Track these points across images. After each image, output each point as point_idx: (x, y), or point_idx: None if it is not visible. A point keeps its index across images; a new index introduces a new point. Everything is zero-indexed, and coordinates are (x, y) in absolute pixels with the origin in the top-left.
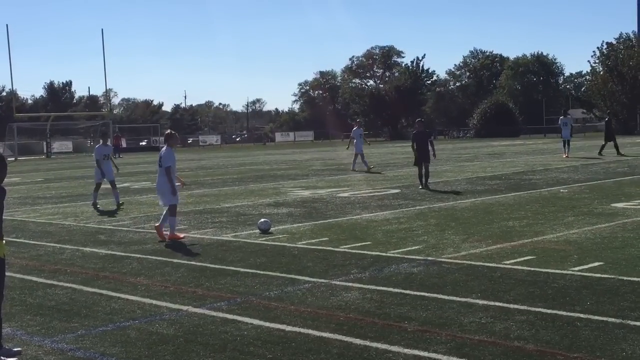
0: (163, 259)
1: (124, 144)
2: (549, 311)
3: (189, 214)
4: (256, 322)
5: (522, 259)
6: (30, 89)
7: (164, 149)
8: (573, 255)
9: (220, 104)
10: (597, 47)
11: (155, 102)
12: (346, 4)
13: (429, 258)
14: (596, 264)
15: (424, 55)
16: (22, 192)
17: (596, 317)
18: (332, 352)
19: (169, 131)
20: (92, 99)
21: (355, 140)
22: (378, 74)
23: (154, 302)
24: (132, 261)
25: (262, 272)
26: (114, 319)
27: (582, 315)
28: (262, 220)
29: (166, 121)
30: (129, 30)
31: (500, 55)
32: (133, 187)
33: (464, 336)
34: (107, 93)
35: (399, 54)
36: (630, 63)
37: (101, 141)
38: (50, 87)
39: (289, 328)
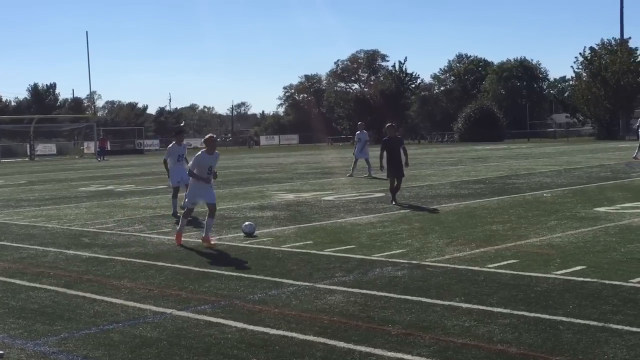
0: (147, 262)
1: (108, 147)
2: (531, 314)
3: (173, 217)
4: (240, 325)
5: (506, 262)
6: (14, 91)
7: (201, 152)
8: (556, 259)
9: (205, 106)
10: (580, 53)
11: (139, 105)
12: (331, 7)
13: (413, 261)
14: (579, 267)
15: (406, 58)
16: (5, 195)
17: (578, 321)
18: (316, 355)
19: (209, 135)
20: (76, 101)
21: (360, 145)
22: (363, 78)
23: (138, 305)
24: (116, 264)
25: (246, 275)
26: (97, 322)
27: (564, 319)
28: (247, 223)
29: (150, 124)
30: (114, 32)
31: (485, 59)
32: (117, 190)
33: (447, 339)
34: (92, 95)
35: (384, 57)
36: (613, 68)
37: (175, 140)
38: (34, 89)
39: (272, 331)
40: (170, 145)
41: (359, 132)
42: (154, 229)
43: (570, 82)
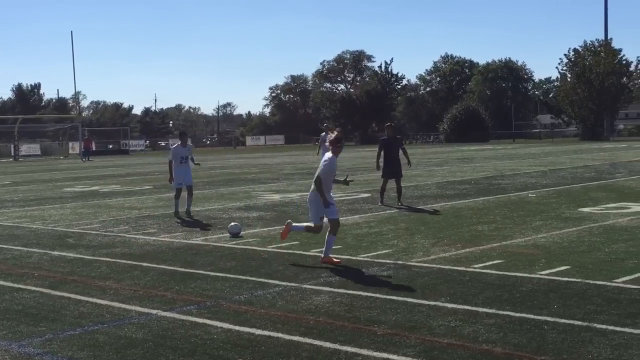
0: (132, 263)
1: (93, 147)
2: (516, 314)
3: (158, 217)
4: (226, 325)
5: (491, 262)
6: None
7: (328, 155)
8: (541, 259)
9: (190, 107)
10: (565, 54)
11: (125, 105)
12: (317, 8)
13: (399, 262)
14: (563, 267)
15: (392, 59)
16: None
17: (563, 321)
18: (302, 355)
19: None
20: (61, 102)
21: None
22: (349, 79)
23: (123, 305)
24: (101, 265)
25: (232, 276)
26: (82, 322)
27: (549, 319)
28: (233, 224)
29: (136, 124)
30: (99, 32)
31: (471, 60)
32: (102, 191)
33: (432, 339)
34: (76, 96)
35: (370, 58)
36: (598, 69)
37: (179, 141)
38: (19, 89)
39: (258, 332)
40: (174, 147)
41: (324, 133)
42: (140, 230)
43: (555, 83)
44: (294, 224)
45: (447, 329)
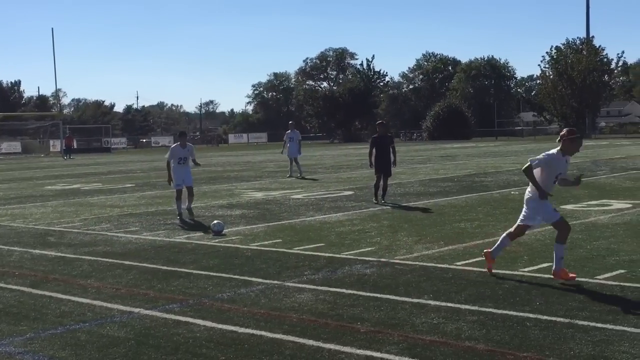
0: (114, 261)
1: (75, 145)
2: (499, 311)
3: (141, 215)
4: (209, 324)
5: (474, 260)
6: None
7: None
8: (523, 256)
9: (172, 104)
10: (547, 52)
11: (106, 103)
12: (299, 6)
13: (382, 259)
14: (545, 264)
15: (373, 56)
16: None
17: (545, 317)
18: (285, 353)
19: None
20: (42, 99)
21: (295, 145)
22: (332, 76)
23: (105, 304)
24: (83, 263)
25: (215, 274)
26: (63, 321)
27: (531, 315)
28: (215, 222)
29: (118, 122)
30: (80, 30)
31: (453, 58)
32: (84, 189)
33: (416, 337)
34: (57, 93)
35: (353, 56)
36: (579, 67)
37: (179, 141)
38: None
39: (241, 330)
40: (172, 147)
41: (289, 131)
42: (122, 228)
43: (537, 81)
44: (492, 250)
45: (430, 326)
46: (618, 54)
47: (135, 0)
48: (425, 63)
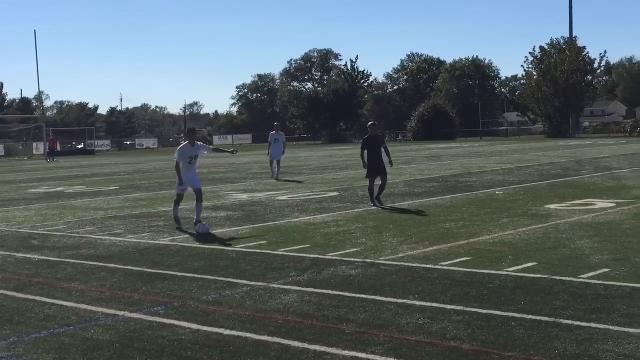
0: (99, 264)
1: (58, 148)
2: (484, 311)
3: (125, 218)
4: (194, 326)
5: (459, 260)
6: None
7: None
8: (508, 256)
9: (157, 106)
10: (530, 52)
11: (90, 105)
12: (284, 7)
13: (367, 260)
14: (530, 264)
15: (357, 56)
16: None
17: (530, 317)
18: (271, 355)
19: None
20: (25, 102)
21: (279, 146)
22: (316, 77)
23: (90, 307)
24: (67, 266)
25: (199, 276)
26: (47, 325)
27: (516, 315)
28: (201, 223)
29: (102, 124)
30: (63, 32)
31: (438, 59)
32: (67, 192)
33: (401, 337)
34: (40, 96)
35: (337, 56)
36: (563, 67)
37: (187, 139)
38: None
39: (227, 332)
40: (180, 147)
41: (274, 132)
42: (106, 231)
43: (521, 81)
44: None
45: (415, 327)
46: (601, 54)
47: (118, 2)
48: (410, 64)
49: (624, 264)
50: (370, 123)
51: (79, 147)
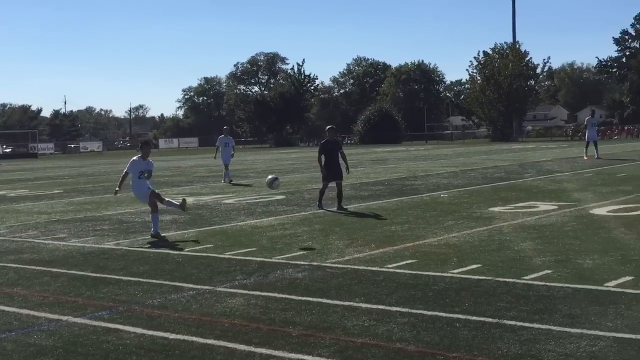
0: (41, 269)
1: (0, 151)
2: (429, 313)
3: (69, 222)
4: (139, 330)
5: (404, 262)
6: None
7: None
8: (453, 258)
9: (102, 109)
10: (475, 57)
11: (33, 108)
12: (230, 9)
13: (314, 263)
14: (474, 266)
15: (304, 60)
16: None
17: (474, 318)
18: (217, 358)
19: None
20: None
21: (229, 150)
22: (263, 81)
23: (32, 312)
24: (9, 271)
25: (145, 280)
26: None
27: (461, 316)
28: (271, 177)
29: (45, 127)
30: (4, 34)
31: (384, 63)
32: (9, 195)
33: (347, 339)
34: None
35: (284, 60)
36: (506, 72)
37: (140, 153)
38: None
39: (172, 336)
40: (133, 159)
41: (222, 136)
42: (49, 235)
43: (466, 86)
44: None
45: (361, 329)
46: (544, 59)
47: (61, 3)
48: (356, 67)
49: (566, 265)
50: (328, 127)
51: (22, 150)
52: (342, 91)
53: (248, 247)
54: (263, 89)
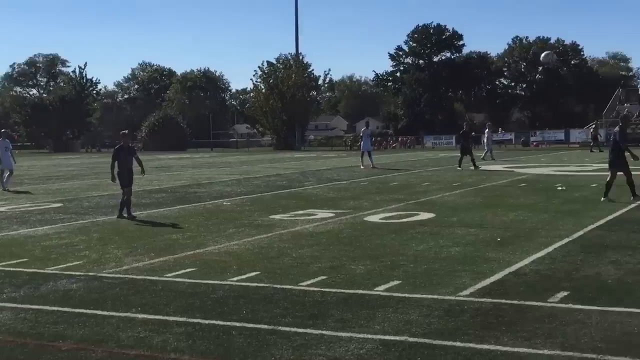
0: None
1: None
2: (206, 322)
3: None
4: None
5: (184, 271)
6: None
7: None
8: (233, 265)
9: None
10: (259, 66)
11: None
12: (6, 9)
13: (90, 273)
14: (254, 273)
15: (86, 63)
16: None
17: (250, 325)
18: None
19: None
20: None
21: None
22: (42, 83)
23: None
24: None
25: None
26: None
27: (237, 324)
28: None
29: None
30: None
31: (169, 69)
32: None
33: (120, 351)
34: None
35: (64, 63)
36: (289, 82)
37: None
38: None
39: None
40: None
41: (1, 139)
42: None
43: (251, 94)
44: None
45: (136, 340)
46: (325, 71)
47: None
48: (141, 73)
49: (340, 271)
50: (122, 132)
51: None
52: (126, 96)
53: (19, 258)
54: (42, 92)
